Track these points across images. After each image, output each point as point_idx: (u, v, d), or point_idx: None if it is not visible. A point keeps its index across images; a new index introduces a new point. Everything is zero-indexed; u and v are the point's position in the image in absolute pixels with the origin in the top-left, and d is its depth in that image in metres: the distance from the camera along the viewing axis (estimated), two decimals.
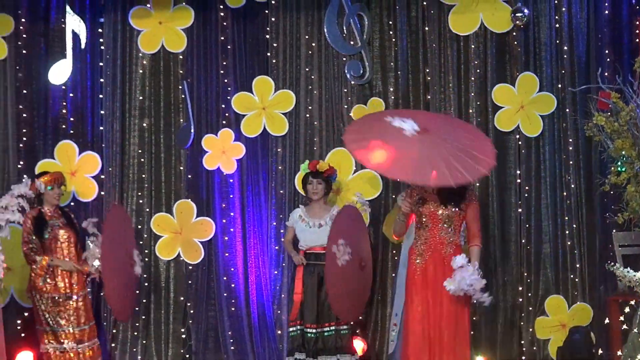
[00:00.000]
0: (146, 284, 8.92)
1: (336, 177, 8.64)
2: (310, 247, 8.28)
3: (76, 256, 8.35)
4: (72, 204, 8.90)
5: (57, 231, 8.31)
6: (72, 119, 9.18)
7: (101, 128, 9.22)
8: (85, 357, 8.24)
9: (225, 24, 9.14)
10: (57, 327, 8.21)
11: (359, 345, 8.59)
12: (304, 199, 8.66)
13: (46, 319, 8.19)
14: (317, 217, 8.34)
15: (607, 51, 8.72)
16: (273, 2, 9.12)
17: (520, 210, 8.90)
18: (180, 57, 9.18)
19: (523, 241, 8.87)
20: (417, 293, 6.84)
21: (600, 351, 8.40)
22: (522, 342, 8.83)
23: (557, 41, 8.89)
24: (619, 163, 7.95)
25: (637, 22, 8.79)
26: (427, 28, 9.03)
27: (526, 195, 8.90)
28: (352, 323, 8.31)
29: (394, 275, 8.65)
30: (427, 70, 9.05)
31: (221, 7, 9.09)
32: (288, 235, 8.48)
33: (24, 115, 9.15)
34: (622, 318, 8.12)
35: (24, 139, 9.13)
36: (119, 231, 8.27)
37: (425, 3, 9.01)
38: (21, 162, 9.08)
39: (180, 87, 9.17)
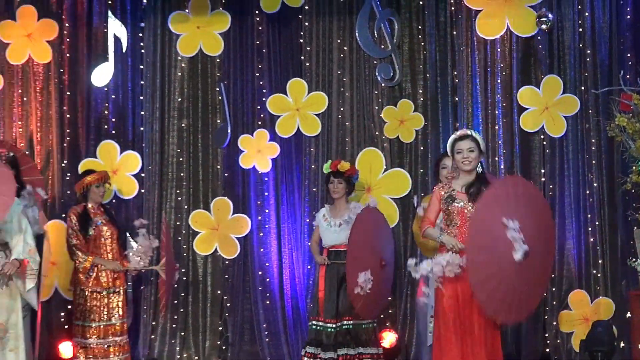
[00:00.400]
0: (184, 278, 8.99)
1: (358, 177, 8.60)
2: (331, 246, 8.27)
3: (118, 252, 8.40)
4: (113, 201, 8.97)
5: (101, 228, 8.34)
6: (113, 119, 9.28)
7: (141, 128, 9.30)
8: (114, 351, 8.26)
9: (260, 28, 9.22)
10: (89, 322, 8.24)
11: (390, 337, 8.66)
12: (330, 199, 8.64)
13: (82, 313, 8.26)
14: (338, 216, 8.33)
15: (628, 54, 8.70)
16: (306, 7, 9.18)
17: None
18: (218, 60, 9.23)
19: None
20: (447, 287, 6.69)
21: (622, 344, 8.46)
22: (547, 335, 8.83)
23: (581, 45, 8.89)
24: None
25: None
26: (455, 32, 9.09)
27: (550, 193, 8.91)
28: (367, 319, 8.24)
29: None
30: (455, 73, 9.09)
31: (257, 12, 9.19)
32: (314, 235, 8.49)
33: (68, 116, 9.25)
34: None
35: (68, 138, 9.23)
36: (168, 239, 8.45)
37: (453, 8, 9.07)
38: (65, 161, 9.20)
39: (217, 89, 9.27)
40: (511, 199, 6.43)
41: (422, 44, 9.15)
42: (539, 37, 8.94)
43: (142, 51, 9.32)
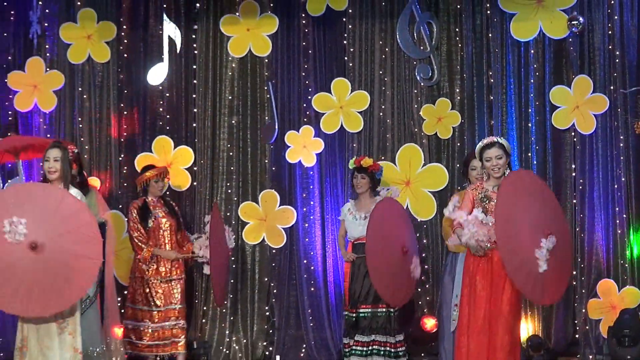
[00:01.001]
0: (234, 267, 9.10)
1: (381, 173, 8.57)
2: (357, 239, 8.29)
3: (177, 243, 8.48)
4: (167, 193, 8.92)
5: (160, 220, 8.44)
6: (168, 116, 9.38)
7: (194, 124, 9.40)
8: (172, 334, 8.36)
9: (306, 30, 9.31)
10: (149, 307, 8.36)
11: (430, 322, 8.73)
12: (354, 194, 8.64)
13: (143, 298, 8.37)
14: (363, 210, 8.31)
15: None
16: (350, 10, 9.23)
17: (575, 201, 8.98)
18: (266, 60, 9.33)
19: (577, 229, 8.95)
20: (481, 279, 6.69)
21: None
22: (576, 321, 8.92)
23: (610, 46, 8.94)
24: None
25: None
26: (490, 34, 9.14)
27: (580, 187, 8.98)
28: (394, 307, 8.23)
29: None
30: (490, 73, 9.14)
31: (303, 15, 9.28)
32: (341, 229, 8.53)
33: (125, 112, 9.38)
34: None
35: (125, 134, 9.37)
36: (218, 228, 8.40)
37: (489, 12, 9.12)
38: (122, 156, 9.33)
39: (265, 87, 9.35)
40: (524, 193, 6.51)
41: (459, 45, 9.22)
42: (570, 40, 9.01)
43: (195, 52, 9.41)
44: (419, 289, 9.02)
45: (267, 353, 9.21)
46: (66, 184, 6.63)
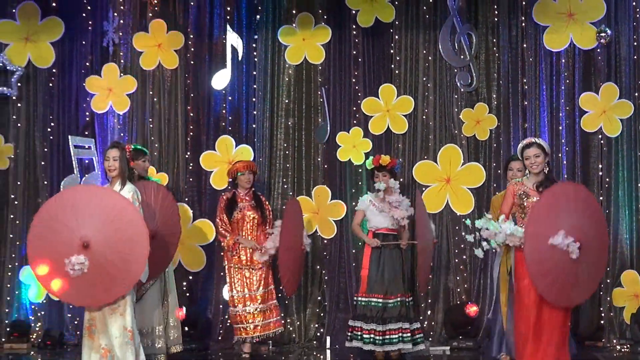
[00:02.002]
0: None
1: (399, 167, 8.72)
2: (378, 229, 8.42)
3: (260, 235, 8.70)
4: (229, 187, 9.13)
5: (245, 212, 8.67)
6: (230, 117, 9.62)
7: (254, 125, 9.63)
8: (265, 315, 8.63)
9: (357, 40, 9.55)
10: (240, 292, 8.64)
11: (472, 308, 8.97)
12: (373, 189, 8.65)
13: (232, 284, 8.67)
14: (385, 202, 8.44)
15: None
16: (397, 22, 9.47)
17: (601, 198, 9.14)
18: (320, 67, 9.58)
19: None
20: (526, 272, 6.70)
21: None
22: (602, 309, 9.11)
23: (635, 57, 9.23)
24: None
25: None
26: (524, 45, 9.38)
27: (606, 186, 9.20)
28: (411, 296, 8.46)
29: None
30: (525, 80, 9.36)
31: (354, 26, 9.53)
32: (358, 219, 8.55)
33: (191, 114, 9.66)
34: None
35: (191, 134, 9.63)
36: (293, 220, 8.58)
37: (524, 24, 9.36)
38: (188, 153, 9.61)
39: (319, 92, 9.60)
40: (562, 207, 6.61)
41: (496, 54, 9.42)
42: (598, 50, 9.25)
43: (255, 59, 9.64)
44: (457, 277, 9.37)
45: (318, 334, 9.43)
46: (124, 180, 7.03)
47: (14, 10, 9.83)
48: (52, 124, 9.90)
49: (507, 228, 6.68)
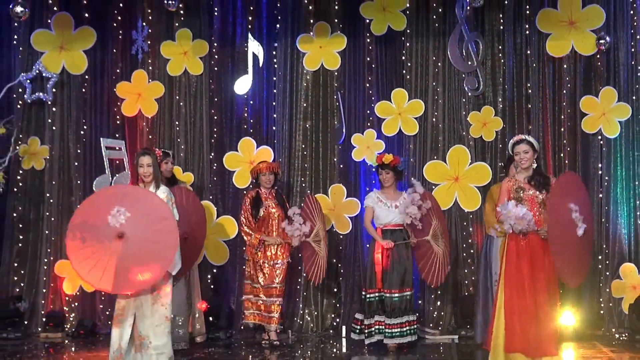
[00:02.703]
0: None
1: (403, 164, 8.69)
2: (385, 225, 8.44)
3: (284, 230, 8.82)
4: (250, 186, 9.38)
5: (270, 210, 8.80)
6: (251, 120, 9.84)
7: (274, 128, 9.84)
8: (271, 309, 8.78)
9: (370, 47, 9.71)
10: (256, 284, 8.80)
11: None
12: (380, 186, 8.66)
13: (251, 276, 8.84)
14: (391, 199, 8.45)
15: None
16: (408, 30, 9.63)
17: (600, 195, 9.34)
18: (336, 73, 9.76)
19: (603, 220, 9.28)
20: (520, 261, 6.89)
21: None
22: (601, 299, 9.28)
23: (633, 62, 9.39)
24: None
25: None
26: (529, 51, 9.53)
27: (605, 184, 9.34)
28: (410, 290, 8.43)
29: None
30: (529, 85, 9.51)
31: (367, 34, 9.70)
32: (368, 216, 8.54)
33: (215, 117, 9.89)
34: None
35: (215, 136, 9.87)
36: (311, 215, 8.75)
37: (527, 32, 9.51)
38: (212, 154, 9.84)
39: (335, 96, 9.78)
40: (574, 189, 6.95)
41: (502, 60, 9.58)
42: (598, 56, 9.40)
43: (275, 66, 9.84)
44: (465, 270, 9.53)
45: (334, 324, 9.63)
46: (157, 183, 7.25)
47: (49, 21, 10.13)
48: (85, 127, 10.19)
49: (519, 211, 6.79)
